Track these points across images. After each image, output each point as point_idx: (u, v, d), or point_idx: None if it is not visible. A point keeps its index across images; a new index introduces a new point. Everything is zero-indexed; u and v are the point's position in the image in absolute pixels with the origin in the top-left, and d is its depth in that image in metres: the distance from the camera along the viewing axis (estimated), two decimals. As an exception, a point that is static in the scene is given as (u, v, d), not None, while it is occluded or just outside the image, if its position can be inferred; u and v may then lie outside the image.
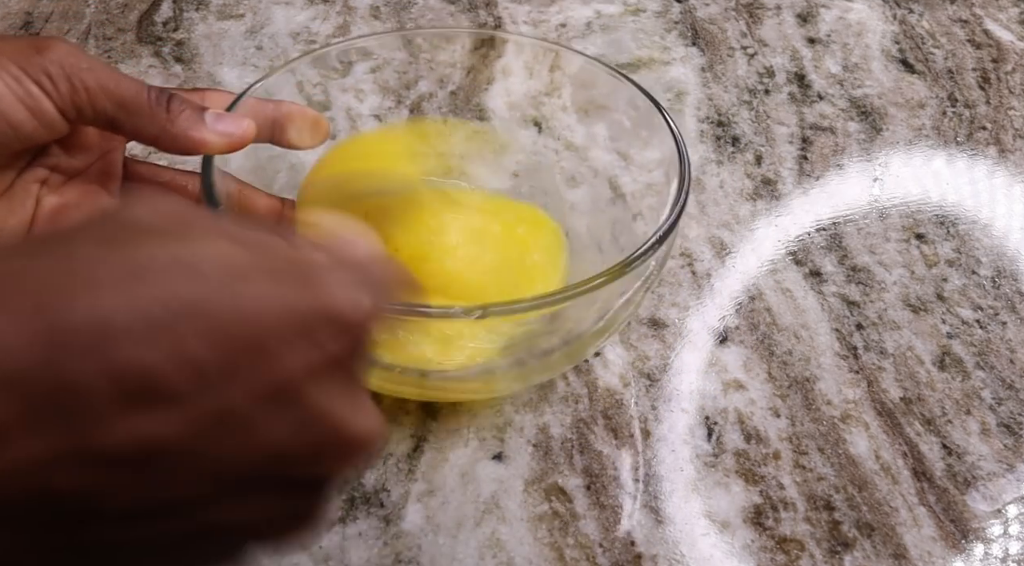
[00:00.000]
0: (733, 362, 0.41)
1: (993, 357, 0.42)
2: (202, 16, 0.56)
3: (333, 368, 0.20)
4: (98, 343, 0.17)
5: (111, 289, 0.17)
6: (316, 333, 0.19)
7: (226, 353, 0.18)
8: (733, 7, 0.59)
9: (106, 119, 0.32)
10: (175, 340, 0.17)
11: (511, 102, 0.42)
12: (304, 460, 0.20)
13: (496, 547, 0.34)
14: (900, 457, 0.38)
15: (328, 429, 0.20)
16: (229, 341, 0.18)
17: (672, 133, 0.35)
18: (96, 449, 0.17)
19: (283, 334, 0.19)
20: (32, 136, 0.32)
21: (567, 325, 0.34)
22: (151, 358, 0.17)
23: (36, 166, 0.35)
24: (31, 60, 0.30)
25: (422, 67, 0.41)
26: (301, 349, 0.19)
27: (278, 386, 0.19)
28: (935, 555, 0.35)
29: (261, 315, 0.19)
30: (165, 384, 0.17)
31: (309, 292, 0.20)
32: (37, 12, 0.56)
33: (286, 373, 0.19)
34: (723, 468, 0.37)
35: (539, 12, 0.57)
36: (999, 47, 0.57)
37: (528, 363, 0.34)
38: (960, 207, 0.48)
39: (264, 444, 0.19)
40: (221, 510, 0.19)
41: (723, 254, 0.45)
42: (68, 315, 0.17)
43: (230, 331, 0.18)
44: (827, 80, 0.54)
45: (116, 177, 0.37)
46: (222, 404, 0.18)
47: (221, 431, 0.18)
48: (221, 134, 0.33)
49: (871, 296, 0.44)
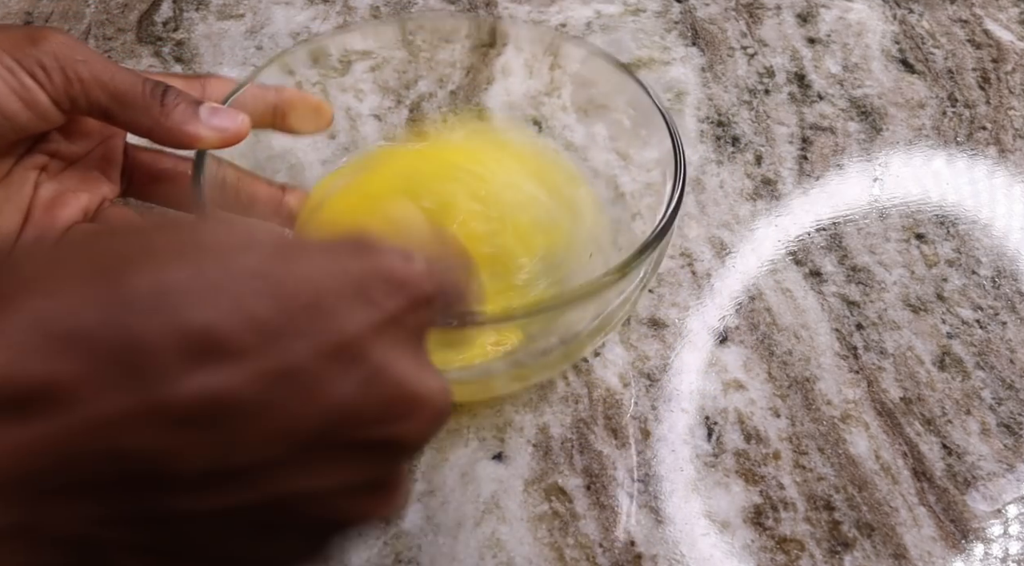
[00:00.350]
0: (733, 362, 0.41)
1: (993, 357, 0.42)
2: (202, 16, 0.56)
3: (392, 326, 0.20)
4: (161, 303, 0.17)
5: (174, 258, 0.18)
6: (371, 291, 0.20)
7: (286, 311, 0.18)
8: (733, 7, 0.59)
9: (100, 110, 0.32)
10: (236, 299, 0.18)
11: (511, 102, 0.42)
12: (371, 420, 0.20)
13: (496, 547, 0.34)
14: (900, 457, 0.38)
15: (392, 386, 0.20)
16: (288, 300, 0.18)
17: (665, 123, 0.35)
18: (163, 406, 0.17)
19: (340, 293, 0.19)
20: (27, 127, 0.32)
21: (564, 325, 0.34)
22: (214, 315, 0.17)
23: (35, 153, 0.35)
24: (25, 51, 0.30)
25: (422, 66, 0.41)
26: (359, 307, 0.19)
27: (339, 342, 0.19)
28: (935, 555, 0.35)
29: (318, 277, 0.19)
30: (228, 340, 0.17)
31: (362, 256, 0.20)
32: (37, 12, 0.56)
33: (347, 330, 0.19)
34: (723, 468, 0.37)
35: (539, 12, 0.57)
36: (999, 47, 0.57)
37: (526, 363, 0.34)
38: (960, 207, 0.48)
39: (330, 401, 0.19)
40: (296, 478, 0.19)
41: (723, 254, 0.45)
42: (132, 279, 0.17)
43: (289, 291, 0.18)
44: (827, 80, 0.54)
45: (117, 164, 0.37)
46: (285, 360, 0.18)
47: (286, 388, 0.18)
48: (215, 129, 0.32)
49: (871, 296, 0.44)
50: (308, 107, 0.37)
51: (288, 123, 0.37)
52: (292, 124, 0.37)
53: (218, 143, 0.33)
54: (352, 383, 0.19)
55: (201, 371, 0.17)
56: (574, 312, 0.32)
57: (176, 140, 0.32)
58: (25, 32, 0.31)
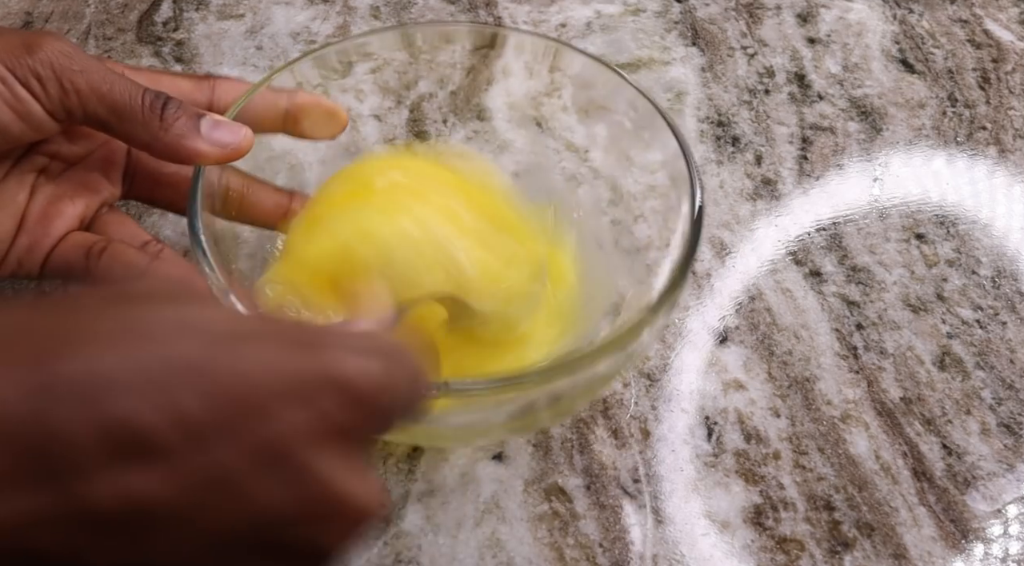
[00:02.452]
0: (733, 362, 0.41)
1: (993, 357, 0.42)
2: (202, 16, 0.56)
3: (334, 435, 0.19)
4: (89, 395, 0.16)
5: (110, 344, 0.17)
6: (320, 399, 0.18)
7: (221, 410, 0.17)
8: (733, 7, 0.59)
9: (97, 122, 0.31)
10: (165, 392, 0.17)
11: (511, 102, 0.42)
12: (297, 527, 0.19)
13: (496, 547, 0.34)
14: (900, 457, 0.38)
15: (323, 495, 0.19)
16: (225, 398, 0.17)
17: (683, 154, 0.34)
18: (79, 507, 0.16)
19: (283, 395, 0.18)
20: (20, 137, 0.31)
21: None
22: (141, 411, 0.16)
23: (35, 154, 0.34)
24: (20, 61, 0.29)
25: (422, 67, 0.41)
26: (301, 412, 0.18)
27: (272, 446, 0.18)
28: (935, 555, 0.35)
29: (262, 376, 0.18)
30: (152, 438, 0.16)
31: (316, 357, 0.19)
32: (37, 12, 0.56)
33: (282, 434, 0.18)
34: (723, 468, 0.37)
35: (539, 12, 0.57)
36: (999, 47, 0.57)
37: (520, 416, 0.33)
38: (960, 207, 0.48)
39: (256, 506, 0.18)
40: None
41: (723, 254, 0.45)
42: (62, 367, 0.16)
43: (227, 389, 0.17)
44: (827, 80, 0.54)
45: (119, 166, 0.36)
46: (210, 464, 0.17)
47: (211, 490, 0.17)
48: (216, 144, 0.31)
49: (871, 296, 0.44)
50: (322, 112, 0.36)
51: (300, 128, 0.36)
52: (305, 129, 0.36)
53: (219, 158, 0.32)
54: (281, 489, 0.18)
55: (121, 471, 0.16)
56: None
57: (175, 155, 0.31)
58: (21, 39, 0.30)
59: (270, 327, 0.19)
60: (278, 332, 0.19)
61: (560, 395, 0.31)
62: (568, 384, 0.29)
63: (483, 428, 0.33)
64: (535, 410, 0.31)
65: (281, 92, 0.35)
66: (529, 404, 0.31)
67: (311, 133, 0.36)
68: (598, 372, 0.30)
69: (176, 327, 0.18)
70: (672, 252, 0.33)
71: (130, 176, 0.37)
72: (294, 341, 0.19)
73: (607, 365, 0.30)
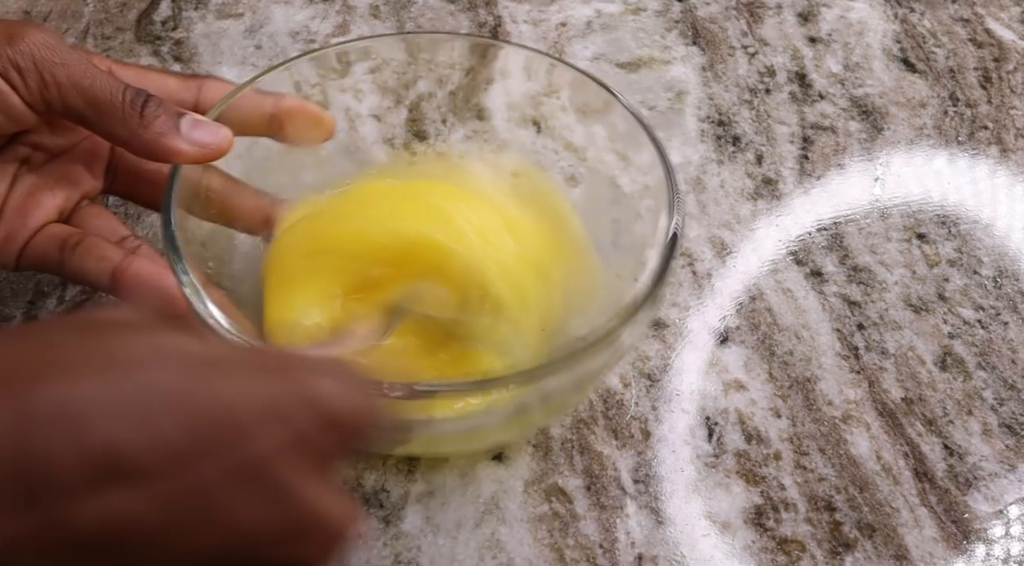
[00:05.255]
0: (734, 362, 0.41)
1: (995, 357, 0.42)
2: (201, 15, 0.56)
3: (310, 454, 0.19)
4: (70, 421, 0.16)
5: (88, 372, 0.17)
6: (295, 419, 0.19)
7: (194, 431, 0.18)
8: (734, 6, 0.59)
9: (77, 116, 0.31)
10: (143, 417, 0.17)
11: (510, 102, 0.42)
12: (272, 540, 0.19)
13: (496, 548, 0.34)
14: (901, 458, 0.38)
15: (302, 512, 0.19)
16: (203, 420, 0.18)
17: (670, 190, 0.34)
18: (61, 530, 0.16)
19: (260, 416, 0.18)
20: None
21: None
22: (119, 435, 0.17)
23: (18, 144, 0.33)
24: (1, 51, 0.29)
25: (421, 67, 0.41)
26: (277, 432, 0.19)
27: (250, 466, 0.18)
28: (936, 556, 0.35)
29: (238, 398, 0.18)
30: (132, 462, 0.17)
31: (290, 380, 0.20)
32: (36, 11, 0.55)
33: (259, 453, 0.18)
34: (724, 469, 0.37)
35: (539, 11, 0.57)
36: (1000, 46, 0.57)
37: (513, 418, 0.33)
38: (962, 207, 0.48)
39: (236, 525, 0.18)
40: None
41: (724, 254, 0.45)
42: (42, 394, 0.16)
43: (205, 411, 0.18)
44: (828, 79, 0.54)
45: (102, 159, 0.36)
46: (190, 484, 0.17)
47: (192, 511, 0.18)
48: (195, 143, 0.31)
49: (872, 296, 0.44)
50: (308, 118, 0.35)
51: (285, 133, 0.35)
52: (289, 134, 0.35)
53: (198, 158, 0.31)
54: (258, 506, 0.19)
55: (102, 494, 0.16)
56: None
57: (154, 153, 0.31)
58: (4, 28, 0.30)
59: (243, 353, 0.20)
60: (251, 357, 0.20)
61: (549, 394, 0.31)
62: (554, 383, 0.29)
63: (479, 433, 0.33)
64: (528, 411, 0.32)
65: (268, 95, 0.35)
66: (522, 405, 0.31)
67: (295, 138, 0.36)
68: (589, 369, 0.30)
69: (152, 354, 0.18)
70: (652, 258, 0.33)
71: (112, 171, 0.36)
72: (267, 366, 0.20)
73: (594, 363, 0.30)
